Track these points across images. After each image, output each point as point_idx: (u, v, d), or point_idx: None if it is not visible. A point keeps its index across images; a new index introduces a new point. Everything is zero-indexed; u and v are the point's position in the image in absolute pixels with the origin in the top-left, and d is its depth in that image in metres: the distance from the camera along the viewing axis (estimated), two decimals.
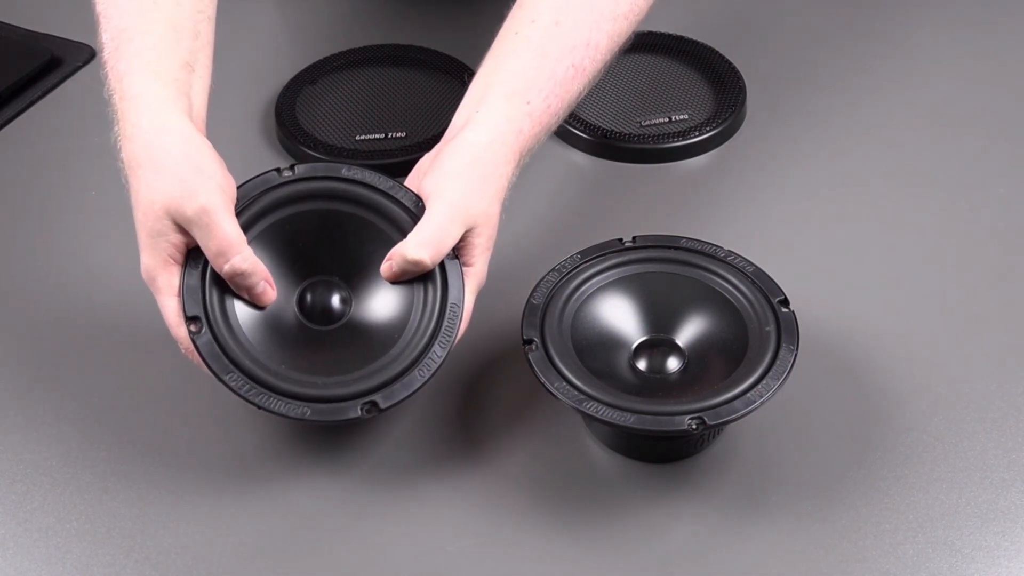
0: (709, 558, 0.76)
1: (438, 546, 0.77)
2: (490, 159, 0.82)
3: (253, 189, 0.80)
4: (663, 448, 0.81)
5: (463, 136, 0.83)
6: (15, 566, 0.77)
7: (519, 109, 0.84)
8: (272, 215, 0.80)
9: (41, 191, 1.05)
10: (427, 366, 0.77)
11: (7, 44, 1.20)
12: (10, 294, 0.95)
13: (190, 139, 0.79)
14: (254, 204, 0.80)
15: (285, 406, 0.75)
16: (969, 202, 1.00)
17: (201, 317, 0.77)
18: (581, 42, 0.88)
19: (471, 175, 0.81)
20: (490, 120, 0.83)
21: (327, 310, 0.81)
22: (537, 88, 0.85)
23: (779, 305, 0.80)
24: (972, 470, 0.80)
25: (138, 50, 0.82)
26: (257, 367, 0.76)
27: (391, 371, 0.77)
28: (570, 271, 0.84)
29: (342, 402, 0.76)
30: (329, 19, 1.25)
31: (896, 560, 0.75)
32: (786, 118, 1.09)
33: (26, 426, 0.85)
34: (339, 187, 0.81)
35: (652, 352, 0.82)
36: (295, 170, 0.81)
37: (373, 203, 0.81)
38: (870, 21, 1.21)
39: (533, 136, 0.85)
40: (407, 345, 0.78)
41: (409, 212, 0.80)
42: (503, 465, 0.81)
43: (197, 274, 0.78)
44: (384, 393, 0.76)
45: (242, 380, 0.76)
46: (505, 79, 0.86)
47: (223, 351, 0.76)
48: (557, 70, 0.86)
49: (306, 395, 0.76)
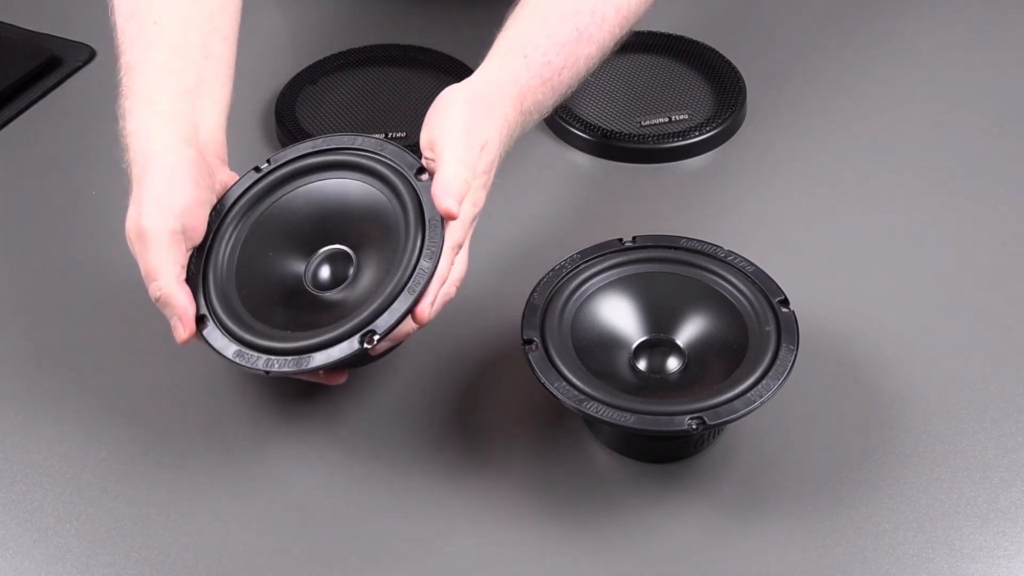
0: (709, 558, 0.76)
1: (438, 546, 0.77)
2: (486, 97, 0.82)
3: (234, 193, 0.83)
4: (663, 448, 0.81)
5: (458, 85, 0.83)
6: (15, 566, 0.77)
7: (515, 62, 0.85)
8: (258, 207, 0.82)
9: (41, 191, 1.05)
10: (416, 285, 0.75)
11: (7, 44, 1.20)
12: (10, 294, 0.95)
13: (171, 169, 0.80)
14: (236, 204, 0.82)
15: (291, 362, 0.75)
16: (969, 202, 1.00)
17: (205, 314, 0.78)
18: (586, 8, 0.88)
19: (474, 106, 0.81)
20: (486, 72, 0.84)
21: (335, 276, 0.82)
22: (534, 44, 0.86)
23: (779, 305, 0.80)
24: (972, 470, 0.80)
25: (139, 86, 0.85)
26: (259, 337, 0.77)
27: (381, 302, 0.75)
28: (570, 271, 0.84)
29: (340, 342, 0.75)
30: (329, 19, 1.25)
31: (896, 560, 0.75)
32: (786, 118, 1.09)
33: (26, 426, 0.85)
34: (316, 162, 0.83)
35: (652, 352, 0.82)
36: (270, 161, 0.83)
37: (359, 166, 0.82)
38: (870, 21, 1.21)
39: (533, 88, 0.85)
40: (393, 278, 0.76)
41: (396, 171, 0.80)
42: (503, 465, 0.81)
43: (193, 275, 0.80)
44: (379, 323, 0.75)
45: (247, 354, 0.76)
46: (503, 42, 0.86)
47: (228, 334, 0.78)
48: (557, 31, 0.86)
49: (307, 347, 0.76)
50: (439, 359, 0.88)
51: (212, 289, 0.79)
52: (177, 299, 0.77)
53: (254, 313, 0.79)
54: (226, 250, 0.81)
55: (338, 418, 0.85)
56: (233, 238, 0.82)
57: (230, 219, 0.82)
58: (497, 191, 0.85)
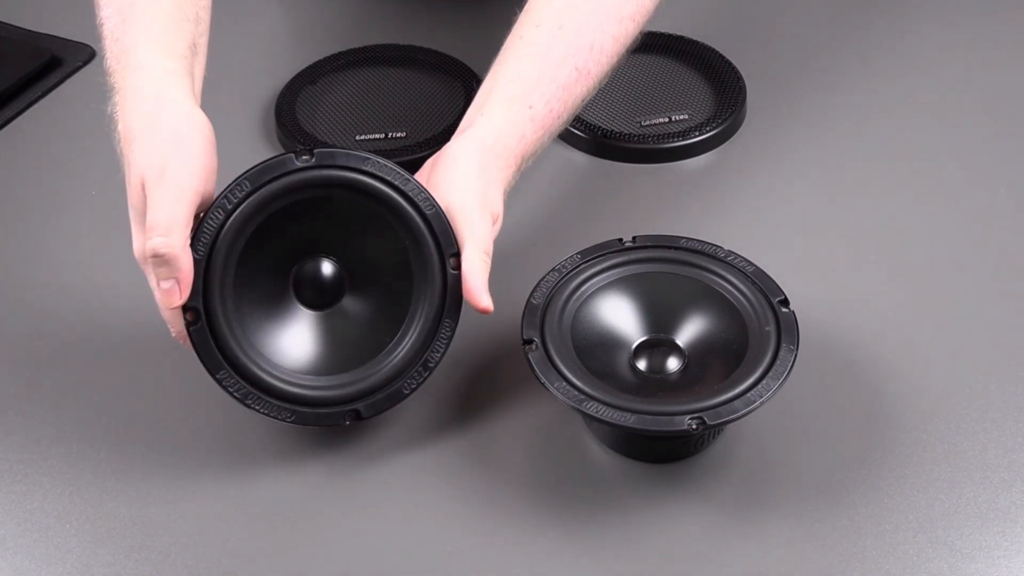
0: (709, 558, 0.76)
1: (438, 546, 0.77)
2: (492, 161, 0.82)
3: (267, 172, 0.77)
4: (663, 448, 0.81)
5: (467, 137, 0.83)
6: (15, 566, 0.77)
7: (521, 114, 0.85)
8: (283, 199, 0.78)
9: (41, 191, 1.05)
10: (412, 380, 0.80)
11: (7, 44, 1.20)
12: (10, 294, 0.95)
13: (191, 116, 0.78)
14: (266, 187, 0.77)
15: (270, 408, 0.78)
16: (969, 202, 1.00)
17: (198, 307, 0.76)
18: (585, 45, 0.88)
19: (485, 174, 0.82)
20: (493, 124, 0.84)
21: (322, 289, 0.81)
22: (539, 92, 0.86)
23: (779, 305, 0.80)
24: (972, 470, 0.80)
25: (146, 25, 0.82)
26: (249, 362, 0.77)
27: (377, 379, 0.79)
28: (570, 271, 0.84)
29: (328, 407, 0.78)
30: (329, 19, 1.25)
31: (896, 560, 0.75)
32: (786, 118, 1.09)
33: (26, 426, 0.85)
34: (355, 179, 0.79)
35: (652, 352, 0.82)
36: (313, 156, 0.78)
37: (385, 199, 0.79)
38: (870, 20, 1.21)
39: (536, 141, 0.86)
40: (395, 353, 0.79)
41: (419, 211, 0.79)
42: (503, 465, 0.81)
43: (197, 261, 0.76)
44: (367, 402, 0.79)
45: (232, 379, 0.77)
46: (507, 84, 0.86)
47: (216, 343, 0.77)
48: (559, 74, 0.87)
49: (293, 396, 0.78)
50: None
51: (213, 282, 0.76)
52: (184, 262, 0.74)
53: (241, 313, 0.78)
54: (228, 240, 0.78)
55: None
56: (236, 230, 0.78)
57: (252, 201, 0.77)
58: None
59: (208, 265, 0.76)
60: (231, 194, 0.76)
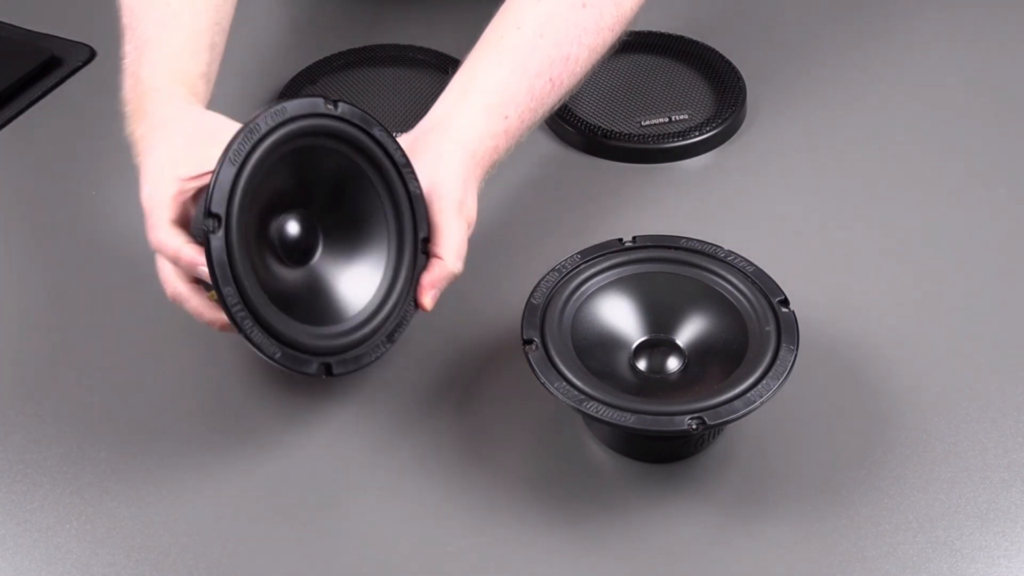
0: (709, 558, 0.76)
1: (438, 546, 0.77)
2: (472, 169, 0.85)
3: (299, 108, 0.77)
4: (663, 448, 0.81)
5: (451, 140, 0.85)
6: (15, 566, 0.77)
7: (498, 125, 0.87)
8: (300, 140, 0.78)
9: (41, 191, 1.05)
10: (374, 351, 0.80)
11: (7, 44, 1.20)
12: (10, 294, 0.95)
13: (211, 119, 0.82)
14: (294, 122, 0.77)
15: (263, 339, 0.76)
16: (970, 202, 1.00)
17: (222, 216, 0.74)
18: (561, 57, 0.90)
19: (468, 180, 0.84)
20: (475, 129, 0.86)
21: (296, 241, 0.81)
22: (515, 104, 0.88)
23: (779, 305, 0.80)
24: (972, 470, 0.80)
25: (160, 59, 0.86)
26: (253, 290, 0.75)
27: (351, 337, 0.79)
28: (570, 271, 0.84)
29: (308, 354, 0.78)
30: (329, 19, 1.25)
31: (896, 560, 0.75)
32: (786, 118, 1.09)
33: (26, 426, 0.85)
34: (361, 138, 0.81)
35: (652, 352, 0.82)
36: (338, 107, 0.79)
37: (380, 167, 0.81)
38: (870, 20, 1.21)
39: (505, 151, 0.88)
40: (368, 317, 0.80)
41: (408, 193, 0.81)
42: (503, 465, 0.81)
43: (233, 171, 0.74)
44: (339, 359, 0.79)
45: (236, 298, 0.75)
46: (487, 91, 0.87)
47: (229, 261, 0.74)
48: (535, 85, 0.88)
49: (280, 335, 0.76)
50: (438, 359, 0.88)
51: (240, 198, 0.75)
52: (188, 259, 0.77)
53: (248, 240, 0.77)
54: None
55: (338, 418, 0.85)
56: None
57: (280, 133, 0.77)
58: (497, 191, 0.85)
59: (236, 178, 0.74)
60: (268, 117, 0.76)
